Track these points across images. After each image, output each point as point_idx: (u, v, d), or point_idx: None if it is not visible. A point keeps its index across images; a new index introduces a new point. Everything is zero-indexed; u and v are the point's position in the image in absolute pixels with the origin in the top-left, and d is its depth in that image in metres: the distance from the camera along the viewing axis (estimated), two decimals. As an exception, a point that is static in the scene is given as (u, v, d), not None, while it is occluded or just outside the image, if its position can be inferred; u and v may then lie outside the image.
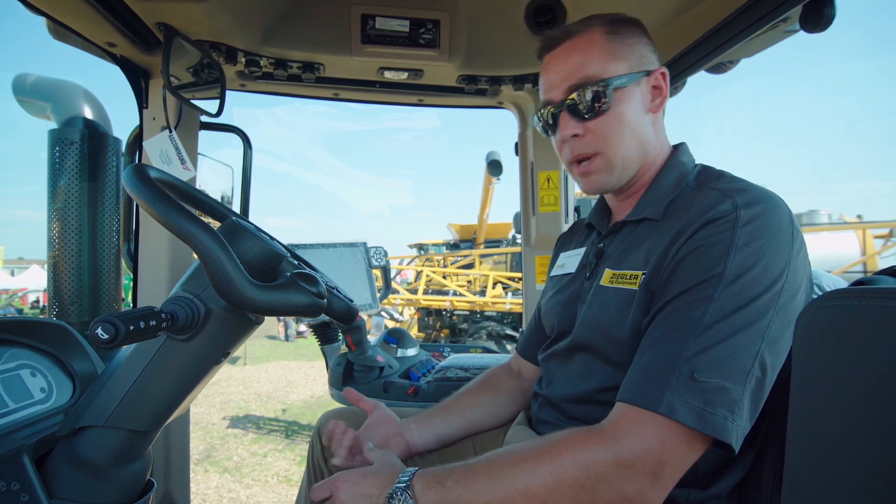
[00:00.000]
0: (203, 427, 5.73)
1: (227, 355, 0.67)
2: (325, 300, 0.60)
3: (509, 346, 8.17)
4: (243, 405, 6.73)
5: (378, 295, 1.85)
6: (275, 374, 8.75)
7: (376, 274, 1.89)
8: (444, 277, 10.51)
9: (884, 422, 0.49)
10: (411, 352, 1.71)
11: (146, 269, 1.39)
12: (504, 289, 9.52)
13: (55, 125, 1.47)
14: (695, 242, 0.67)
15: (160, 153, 1.29)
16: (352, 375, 1.56)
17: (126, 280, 1.58)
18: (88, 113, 1.50)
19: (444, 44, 1.32)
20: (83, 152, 1.42)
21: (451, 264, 11.26)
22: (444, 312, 9.90)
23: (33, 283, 17.59)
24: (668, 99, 0.82)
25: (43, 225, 1.43)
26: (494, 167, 9.25)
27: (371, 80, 1.51)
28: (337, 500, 0.71)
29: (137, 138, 1.36)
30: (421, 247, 14.03)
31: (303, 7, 1.28)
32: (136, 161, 1.39)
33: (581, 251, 0.95)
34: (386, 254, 1.89)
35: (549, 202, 1.70)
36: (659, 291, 0.70)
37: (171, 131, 1.30)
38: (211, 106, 1.29)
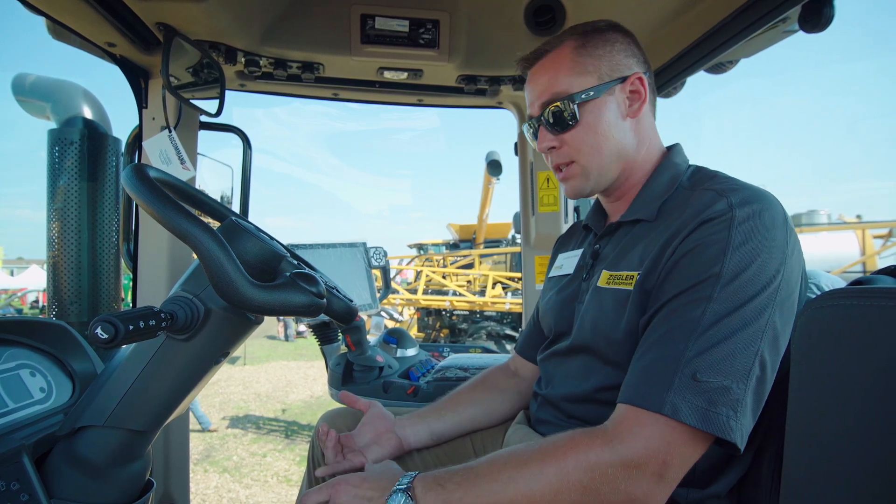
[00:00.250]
0: (200, 426, 5.72)
1: (226, 355, 0.67)
2: (325, 300, 0.60)
3: (509, 346, 8.17)
4: (243, 405, 6.72)
5: (378, 295, 1.85)
6: (274, 374, 8.75)
7: (376, 274, 1.90)
8: (444, 277, 10.52)
9: (882, 421, 0.49)
10: (411, 352, 1.71)
11: (146, 268, 1.39)
12: (504, 289, 9.52)
13: (55, 125, 1.47)
14: (691, 243, 0.68)
15: (160, 153, 1.29)
16: (351, 375, 1.56)
17: (125, 280, 1.58)
18: (88, 113, 1.50)
19: (444, 44, 1.32)
20: (83, 152, 1.42)
21: (451, 264, 11.26)
22: (443, 312, 9.91)
23: (33, 283, 17.56)
24: (668, 99, 0.83)
25: (42, 225, 1.44)
26: (494, 167, 9.25)
27: (371, 80, 1.51)
28: (336, 503, 0.71)
29: (137, 138, 1.36)
30: (420, 247, 14.02)
31: (302, 7, 1.28)
32: (136, 161, 1.39)
33: (578, 252, 0.96)
34: (385, 254, 1.90)
35: (549, 202, 1.70)
36: (656, 292, 0.70)
37: (170, 131, 1.30)
38: (210, 106, 1.29)
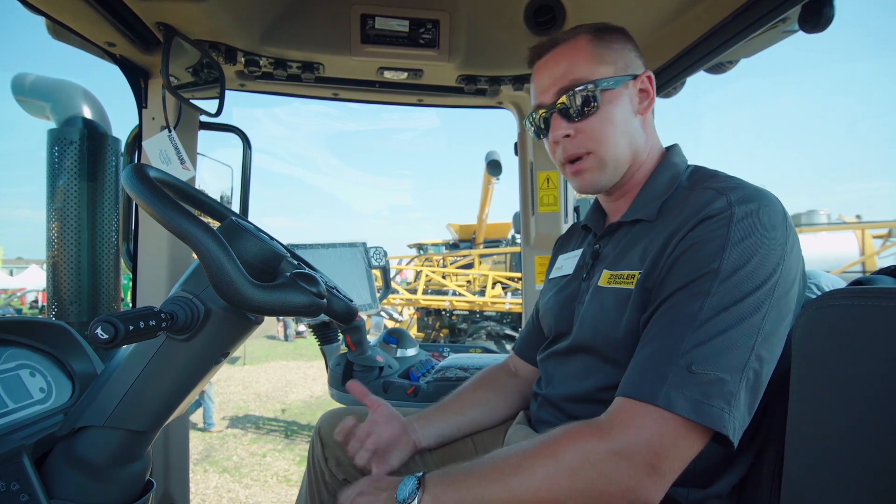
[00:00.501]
0: (202, 427, 5.72)
1: (226, 355, 0.67)
2: (325, 300, 0.60)
3: (508, 346, 8.17)
4: (242, 405, 6.72)
5: (378, 295, 1.85)
6: (274, 374, 8.75)
7: (376, 274, 1.89)
8: (444, 277, 10.52)
9: (883, 421, 0.49)
10: (411, 352, 1.71)
11: (145, 268, 1.39)
12: (503, 289, 9.52)
13: (54, 125, 1.47)
14: (690, 240, 0.68)
15: (159, 153, 1.29)
16: (351, 375, 1.56)
17: (125, 280, 1.58)
18: (87, 113, 1.49)
19: (444, 44, 1.32)
20: (82, 152, 1.41)
21: (451, 264, 11.26)
22: (443, 312, 9.91)
23: (32, 283, 17.55)
24: (668, 99, 0.83)
25: (42, 225, 1.43)
26: (494, 167, 9.25)
27: (371, 79, 1.51)
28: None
29: (137, 138, 1.36)
30: (420, 247, 14.02)
31: (302, 7, 1.28)
32: (136, 161, 1.39)
33: (578, 253, 0.96)
34: (385, 254, 1.89)
35: (549, 202, 1.70)
36: (656, 289, 0.71)
37: (170, 131, 1.30)
38: (210, 106, 1.29)
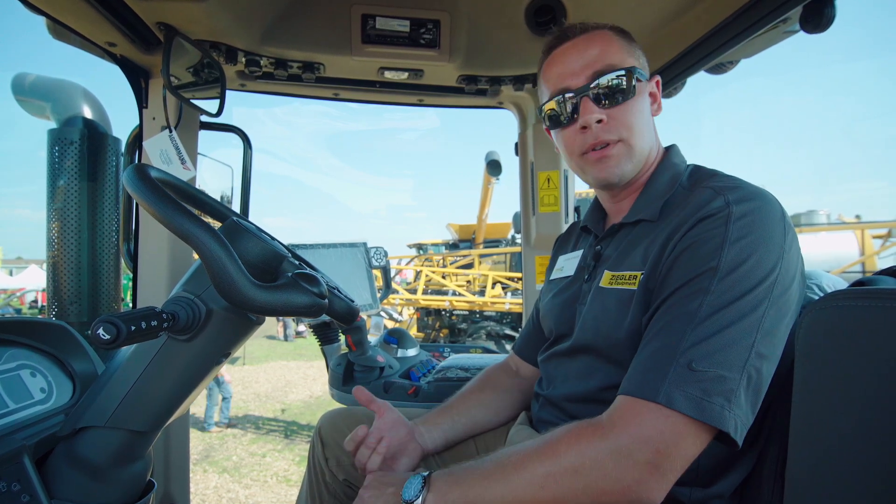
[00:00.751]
0: (202, 427, 5.72)
1: (227, 355, 0.67)
2: (327, 300, 0.60)
3: (508, 346, 8.17)
4: (242, 405, 6.72)
5: (378, 295, 1.85)
6: (274, 375, 8.75)
7: (376, 274, 1.89)
8: (444, 277, 10.52)
9: (885, 422, 0.49)
10: (411, 352, 1.71)
11: (146, 269, 1.38)
12: (503, 289, 9.52)
13: (54, 125, 1.47)
14: (689, 239, 0.69)
15: (160, 153, 1.29)
16: (352, 376, 1.56)
17: (125, 280, 1.58)
18: (88, 112, 1.49)
19: (445, 44, 1.32)
20: (83, 152, 1.41)
21: (451, 264, 11.26)
22: (443, 312, 9.91)
23: (31, 283, 17.54)
24: (668, 99, 0.83)
25: (42, 225, 1.43)
26: (494, 167, 9.26)
27: (371, 80, 1.51)
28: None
29: (137, 138, 1.36)
30: (420, 247, 14.03)
31: (303, 7, 1.28)
32: (136, 161, 1.39)
33: (578, 254, 0.96)
34: (386, 254, 1.89)
35: (549, 202, 1.70)
36: (657, 289, 0.71)
37: (171, 131, 1.30)
38: (211, 106, 1.29)
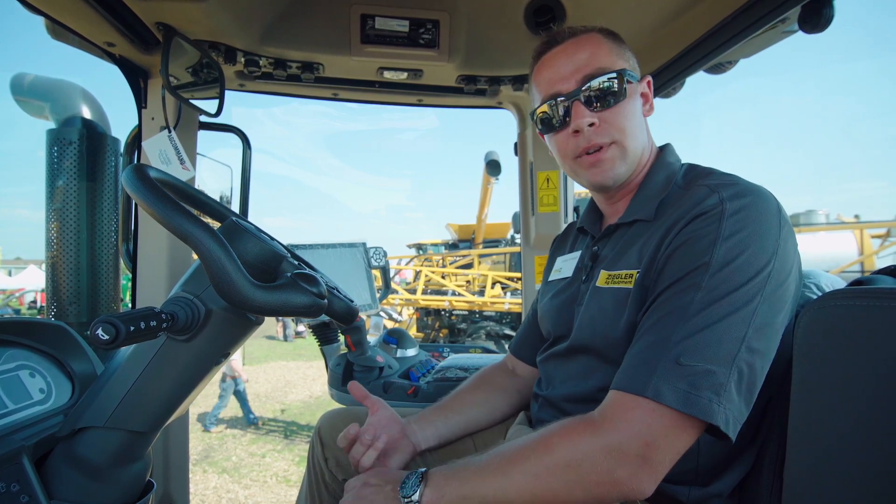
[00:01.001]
0: (202, 427, 5.72)
1: (227, 356, 0.67)
2: (326, 300, 0.60)
3: (508, 346, 8.17)
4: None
5: (378, 295, 1.85)
6: (273, 375, 8.74)
7: (375, 274, 1.89)
8: (443, 277, 10.52)
9: (884, 421, 0.49)
10: (411, 352, 1.71)
11: (145, 269, 1.38)
12: (503, 288, 9.52)
13: (53, 125, 1.47)
14: (683, 236, 0.69)
15: (159, 153, 1.29)
16: (352, 376, 1.56)
17: (124, 280, 1.58)
18: (87, 113, 1.49)
19: (444, 44, 1.32)
20: (82, 152, 1.41)
21: (450, 264, 11.26)
22: (442, 312, 9.90)
23: (31, 284, 17.53)
24: (667, 99, 0.83)
25: (41, 225, 1.43)
26: (493, 167, 9.25)
27: (370, 80, 1.51)
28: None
29: (136, 138, 1.36)
30: (420, 247, 14.03)
31: (302, 7, 1.28)
32: (135, 161, 1.39)
33: (576, 255, 0.96)
34: (385, 254, 1.89)
35: (549, 202, 1.70)
36: (652, 287, 0.71)
37: (170, 131, 1.30)
38: (210, 106, 1.29)
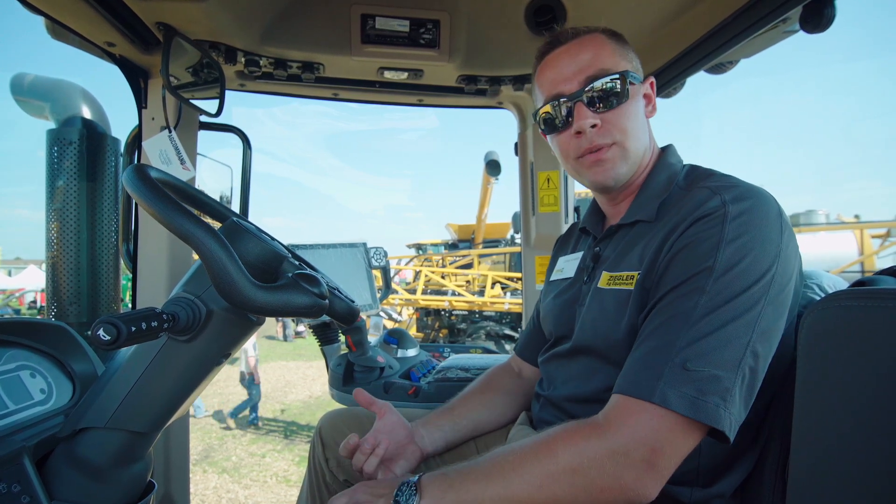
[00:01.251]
0: (201, 427, 5.72)
1: (227, 356, 0.66)
2: (327, 301, 0.59)
3: (508, 346, 8.18)
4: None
5: (378, 295, 1.85)
6: (273, 375, 8.75)
7: (376, 274, 1.89)
8: (443, 277, 10.52)
9: (887, 422, 0.49)
10: (411, 352, 1.71)
11: (145, 269, 1.38)
12: (503, 289, 9.53)
13: (53, 125, 1.47)
14: (686, 239, 0.69)
15: (159, 153, 1.29)
16: (352, 376, 1.56)
17: (124, 280, 1.57)
18: (87, 113, 1.49)
19: (444, 44, 1.32)
20: (82, 152, 1.41)
21: (450, 264, 11.27)
22: (442, 312, 9.91)
23: (30, 284, 17.53)
24: (668, 99, 0.83)
25: (41, 225, 1.43)
26: (493, 167, 9.26)
27: (371, 80, 1.51)
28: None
29: (136, 138, 1.36)
30: (419, 247, 14.03)
31: (302, 7, 1.27)
32: (136, 161, 1.39)
33: (578, 255, 0.96)
34: (386, 254, 1.89)
35: (549, 202, 1.70)
36: (653, 289, 0.71)
37: (170, 131, 1.30)
38: (210, 106, 1.29)
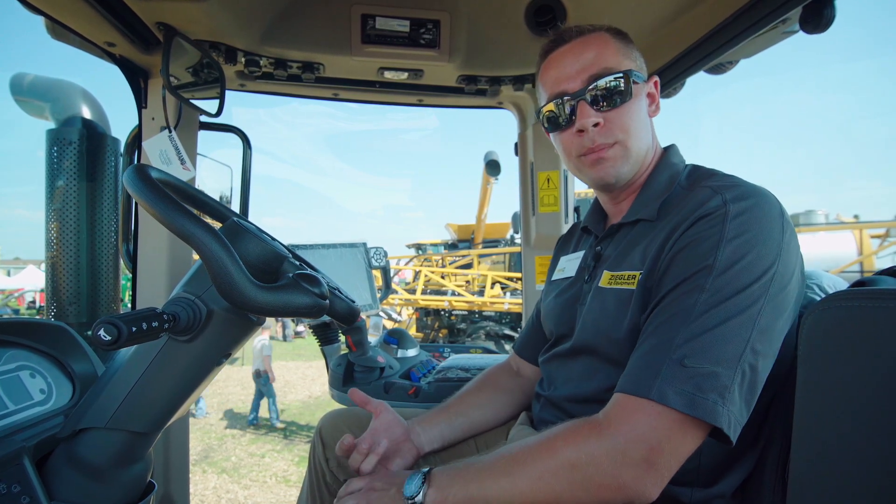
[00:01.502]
0: (201, 427, 5.72)
1: (228, 356, 0.66)
2: (328, 301, 0.59)
3: (507, 346, 8.18)
4: (241, 405, 6.71)
5: (378, 295, 1.85)
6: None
7: (376, 274, 1.89)
8: (443, 277, 10.52)
9: (887, 422, 0.49)
10: (412, 352, 1.71)
11: (145, 269, 1.38)
12: (502, 289, 9.53)
13: (53, 125, 1.47)
14: (687, 238, 0.69)
15: (160, 153, 1.29)
16: (352, 376, 1.56)
17: (124, 280, 1.57)
18: (87, 113, 1.49)
19: (444, 44, 1.32)
20: (81, 152, 1.41)
21: (450, 264, 11.27)
22: (442, 312, 9.91)
23: (30, 284, 17.52)
24: (668, 99, 0.83)
25: (40, 225, 1.43)
26: (492, 167, 9.27)
27: (371, 80, 1.51)
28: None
29: (136, 138, 1.36)
30: (419, 247, 14.03)
31: (303, 7, 1.27)
32: (136, 161, 1.39)
33: (580, 255, 0.96)
34: (386, 254, 1.89)
35: (549, 202, 1.70)
36: (655, 288, 0.71)
37: (170, 131, 1.30)
38: (210, 106, 1.29)
